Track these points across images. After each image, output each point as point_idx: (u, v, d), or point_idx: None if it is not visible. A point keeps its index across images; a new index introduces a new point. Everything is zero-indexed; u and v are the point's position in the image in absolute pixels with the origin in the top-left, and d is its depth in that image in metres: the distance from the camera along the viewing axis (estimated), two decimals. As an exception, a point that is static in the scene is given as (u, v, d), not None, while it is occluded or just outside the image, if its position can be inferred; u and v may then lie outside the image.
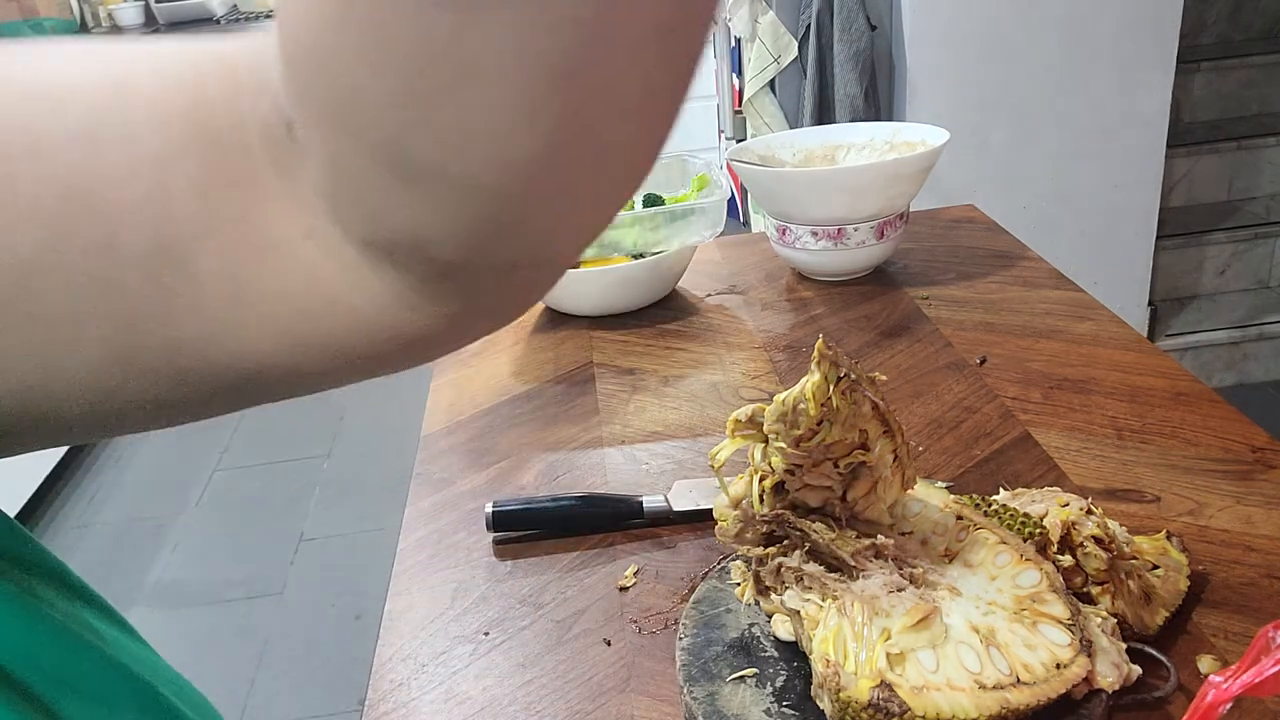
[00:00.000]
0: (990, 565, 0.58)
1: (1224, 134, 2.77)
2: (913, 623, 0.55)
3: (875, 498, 0.59)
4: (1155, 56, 2.34)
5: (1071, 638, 0.55)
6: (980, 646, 0.54)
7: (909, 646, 0.55)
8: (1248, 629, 0.65)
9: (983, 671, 0.53)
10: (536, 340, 1.17)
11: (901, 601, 0.56)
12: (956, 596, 0.57)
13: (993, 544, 0.59)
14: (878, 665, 0.54)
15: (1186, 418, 0.88)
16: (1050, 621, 0.56)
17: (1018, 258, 1.25)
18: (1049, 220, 2.44)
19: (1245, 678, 0.44)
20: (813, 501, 0.59)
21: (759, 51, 2.53)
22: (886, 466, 0.59)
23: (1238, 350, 2.72)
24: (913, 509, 0.62)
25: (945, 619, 0.56)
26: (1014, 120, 2.39)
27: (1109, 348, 1.02)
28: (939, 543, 0.60)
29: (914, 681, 0.53)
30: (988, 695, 0.52)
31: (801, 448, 0.56)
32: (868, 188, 1.15)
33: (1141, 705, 0.60)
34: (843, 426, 0.56)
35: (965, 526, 0.61)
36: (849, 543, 0.59)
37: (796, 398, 0.55)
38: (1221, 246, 2.75)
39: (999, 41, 2.32)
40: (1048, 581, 0.58)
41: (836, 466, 0.58)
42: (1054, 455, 0.85)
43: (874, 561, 0.58)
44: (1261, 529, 0.74)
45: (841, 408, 0.55)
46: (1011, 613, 0.56)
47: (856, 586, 0.58)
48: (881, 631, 0.55)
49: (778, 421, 0.56)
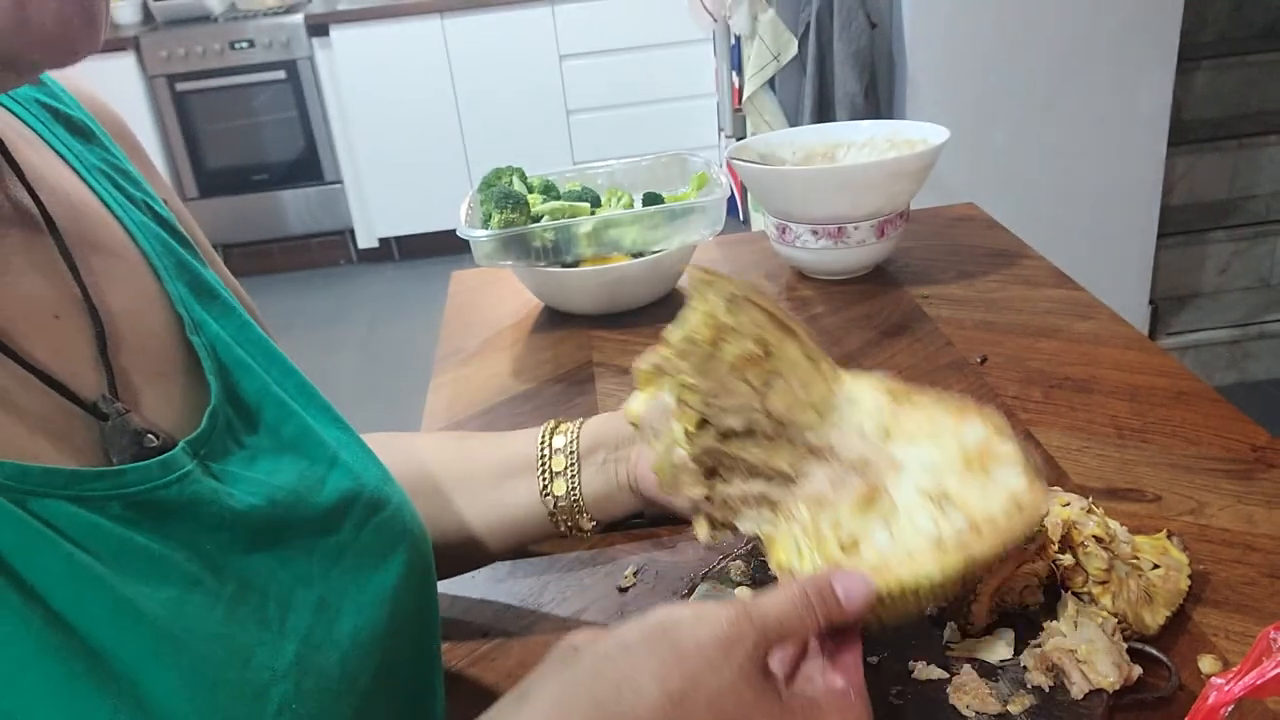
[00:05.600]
0: (932, 431, 0.57)
1: (1225, 132, 2.77)
2: (859, 504, 0.54)
3: (798, 401, 0.57)
4: (1156, 54, 2.34)
5: (1027, 475, 0.53)
6: (933, 508, 0.53)
7: (860, 530, 0.53)
8: (1249, 628, 0.65)
9: (940, 530, 0.52)
10: (536, 340, 1.17)
11: (847, 490, 0.55)
12: (902, 471, 0.56)
13: (930, 407, 0.58)
14: (833, 557, 0.53)
15: (1187, 417, 0.88)
16: (1003, 464, 0.54)
17: (1018, 256, 1.25)
18: (1049, 219, 2.43)
19: (1247, 679, 0.44)
20: (738, 425, 0.57)
21: (759, 49, 2.53)
22: (800, 367, 0.57)
23: (1239, 349, 2.71)
24: (842, 401, 0.59)
25: (894, 494, 0.54)
26: (1014, 118, 2.39)
27: (1110, 346, 1.02)
28: (875, 426, 0.58)
29: (872, 562, 0.52)
30: (949, 551, 0.51)
31: (708, 375, 0.55)
32: (868, 186, 1.15)
33: (1142, 705, 0.59)
34: (741, 342, 0.55)
35: (899, 400, 0.59)
36: (784, 452, 0.57)
37: (687, 329, 0.55)
38: (1222, 245, 2.75)
39: (999, 39, 2.31)
40: (993, 428, 0.55)
41: (749, 383, 0.56)
42: (1055, 454, 0.85)
43: (813, 463, 0.57)
44: (1262, 528, 0.73)
45: (733, 324, 0.54)
46: (963, 469, 0.54)
47: (801, 491, 0.56)
48: (831, 524, 0.54)
49: (678, 358, 0.55)
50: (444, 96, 3.91)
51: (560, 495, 0.70)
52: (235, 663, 0.44)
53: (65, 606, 0.39)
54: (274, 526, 0.50)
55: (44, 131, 0.54)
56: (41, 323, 0.46)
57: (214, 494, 0.47)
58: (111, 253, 0.52)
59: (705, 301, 0.54)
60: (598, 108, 4.00)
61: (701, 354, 0.55)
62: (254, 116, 3.98)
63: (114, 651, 0.39)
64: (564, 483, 0.70)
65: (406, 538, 0.59)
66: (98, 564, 0.41)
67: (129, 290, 0.52)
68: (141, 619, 0.41)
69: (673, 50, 3.89)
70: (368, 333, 3.70)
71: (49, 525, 0.40)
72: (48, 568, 0.39)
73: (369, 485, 0.57)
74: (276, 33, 3.84)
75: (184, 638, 0.42)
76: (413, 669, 0.58)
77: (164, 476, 0.45)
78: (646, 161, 1.30)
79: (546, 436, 0.72)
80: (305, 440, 0.55)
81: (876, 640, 0.64)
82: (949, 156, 1.20)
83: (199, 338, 0.53)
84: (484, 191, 1.18)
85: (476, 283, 1.36)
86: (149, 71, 3.84)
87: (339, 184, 4.10)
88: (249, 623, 0.46)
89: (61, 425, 0.44)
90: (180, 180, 4.05)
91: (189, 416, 0.50)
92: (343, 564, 0.53)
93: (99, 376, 0.47)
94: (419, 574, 0.59)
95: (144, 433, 0.46)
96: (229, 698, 0.43)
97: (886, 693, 0.60)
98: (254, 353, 0.56)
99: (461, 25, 3.81)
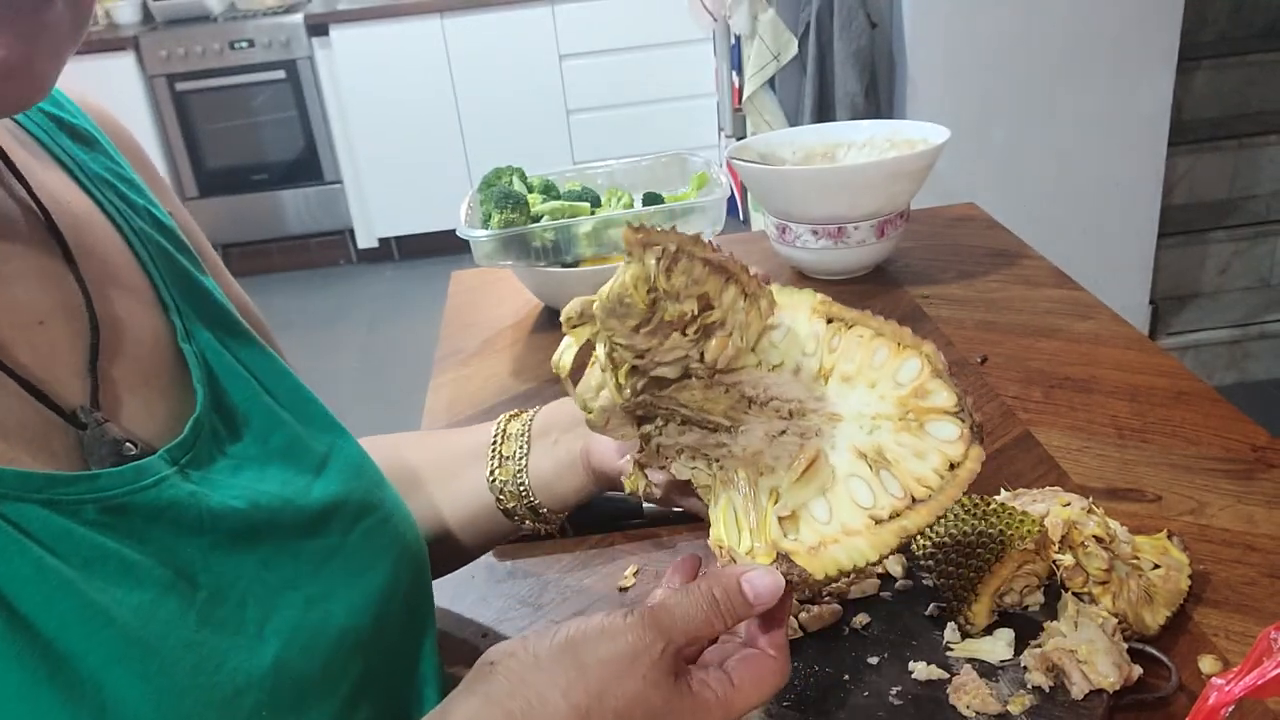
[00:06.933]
0: (869, 370, 0.54)
1: (1225, 132, 2.76)
2: (799, 474, 0.52)
3: (734, 347, 0.54)
4: (1156, 54, 2.34)
5: (960, 428, 0.51)
6: (869, 474, 0.52)
7: (799, 502, 0.52)
8: (1249, 629, 0.64)
9: (876, 503, 0.51)
10: (536, 340, 1.17)
11: (785, 449, 0.54)
12: (838, 422, 0.54)
13: (868, 340, 0.55)
14: (771, 536, 0.52)
15: (1188, 417, 0.88)
16: (937, 416, 0.52)
17: (1018, 256, 1.25)
18: (1050, 218, 2.43)
19: (1247, 680, 0.44)
20: (671, 374, 0.54)
21: (759, 49, 2.53)
22: (738, 311, 0.54)
23: (1239, 349, 2.71)
24: (778, 336, 0.56)
25: (830, 453, 0.53)
26: (1015, 118, 2.39)
27: (1110, 346, 1.02)
28: (812, 363, 0.56)
29: (809, 541, 0.51)
30: (885, 529, 0.50)
31: (641, 333, 0.52)
32: (868, 186, 1.15)
33: (1142, 705, 0.59)
34: (679, 300, 0.52)
35: (837, 330, 0.56)
36: (719, 400, 0.55)
37: (620, 290, 0.51)
38: (1223, 245, 2.75)
39: (1000, 39, 2.31)
40: (929, 367, 0.53)
41: (685, 335, 0.53)
42: (1055, 454, 0.85)
43: (748, 412, 0.55)
44: (1263, 528, 0.73)
45: (670, 288, 0.51)
46: (897, 420, 0.53)
47: (737, 445, 0.55)
48: (770, 493, 0.53)
49: (610, 317, 0.52)
50: (444, 96, 3.91)
51: (506, 480, 0.69)
52: (206, 668, 0.44)
53: (32, 611, 0.39)
54: (256, 529, 0.50)
55: (46, 139, 0.54)
56: (25, 329, 0.46)
57: (193, 497, 0.48)
58: (105, 259, 0.52)
59: (641, 264, 0.50)
60: (598, 108, 4.00)
61: (637, 315, 0.51)
62: (253, 116, 3.98)
63: (80, 657, 0.40)
64: (512, 465, 0.69)
65: (398, 542, 0.59)
66: (67, 569, 0.41)
67: (122, 297, 0.52)
68: (110, 624, 0.41)
69: (673, 50, 3.88)
70: (367, 333, 3.70)
71: (20, 529, 0.40)
72: (16, 572, 0.39)
73: (358, 490, 0.57)
74: (276, 33, 3.84)
75: (154, 643, 0.42)
76: (398, 676, 0.58)
77: (138, 481, 0.46)
78: (646, 161, 1.30)
79: (503, 424, 0.71)
80: (293, 449, 0.55)
81: (877, 641, 0.64)
82: (949, 156, 1.20)
83: (190, 346, 0.53)
84: (484, 191, 1.18)
85: (476, 283, 1.36)
86: (149, 71, 3.84)
87: (339, 184, 4.10)
88: (224, 628, 0.46)
89: (39, 431, 0.44)
90: (180, 180, 4.04)
91: (173, 425, 0.50)
92: (331, 567, 0.53)
93: (83, 383, 0.47)
94: (410, 577, 0.59)
95: (122, 441, 0.46)
96: (197, 704, 0.43)
97: (886, 693, 0.60)
98: (247, 359, 0.56)
99: (461, 25, 3.81)
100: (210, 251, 0.63)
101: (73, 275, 0.49)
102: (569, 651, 0.45)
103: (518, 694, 0.44)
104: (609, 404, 0.55)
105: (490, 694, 0.45)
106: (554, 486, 0.69)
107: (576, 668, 0.44)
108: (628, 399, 0.54)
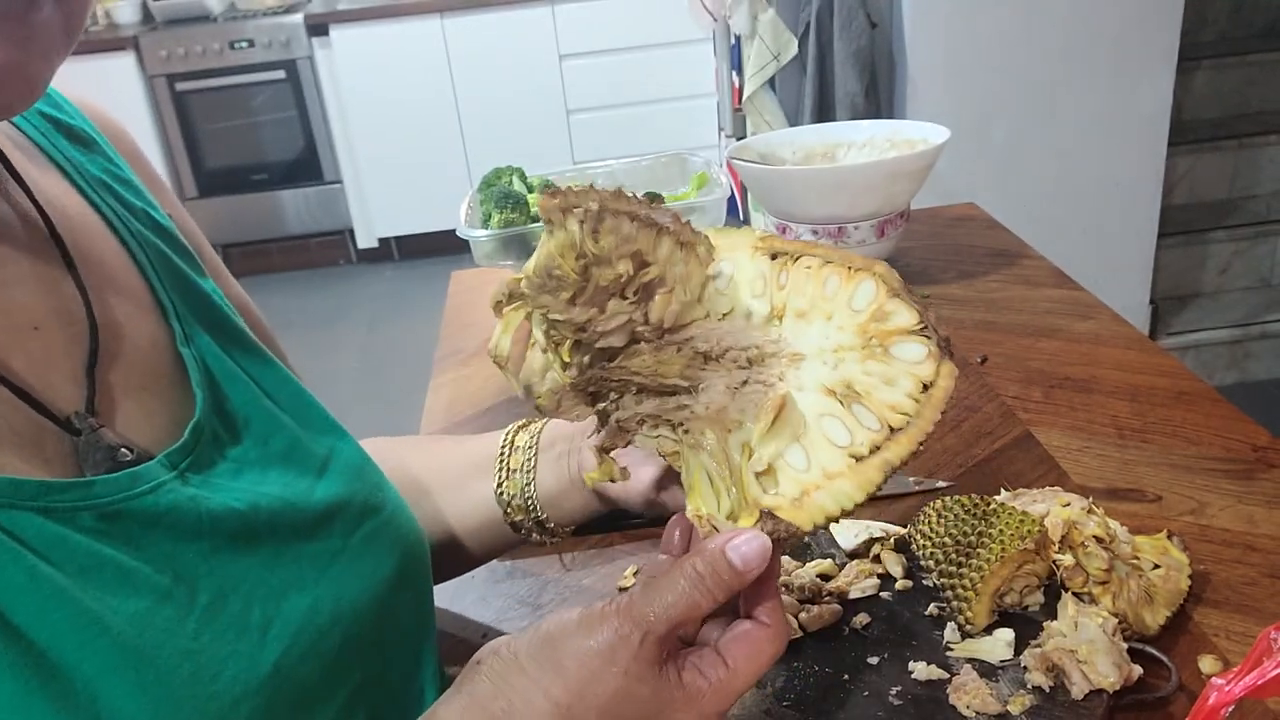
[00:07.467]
0: (822, 301, 0.52)
1: (1225, 132, 2.76)
2: (769, 424, 0.49)
3: (678, 302, 0.52)
4: (1156, 54, 2.34)
5: (927, 345, 0.49)
6: (842, 411, 0.49)
7: (774, 452, 0.49)
8: (1249, 629, 0.64)
9: (853, 440, 0.48)
10: (536, 339, 1.17)
11: (750, 400, 0.51)
12: (800, 361, 0.51)
13: (817, 270, 0.52)
14: (750, 495, 0.49)
15: (1188, 417, 0.88)
16: (901, 337, 0.49)
17: (1018, 256, 1.25)
18: (1050, 218, 2.43)
19: (1247, 680, 0.44)
20: (617, 342, 0.51)
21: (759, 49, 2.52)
22: (676, 264, 0.51)
23: (1239, 349, 2.71)
24: (722, 283, 0.53)
25: (797, 395, 0.50)
26: (1015, 118, 2.38)
27: (1110, 346, 1.02)
28: (762, 305, 0.53)
29: (791, 493, 0.48)
30: (867, 466, 0.48)
31: (578, 305, 0.49)
32: (868, 186, 1.15)
33: (1142, 705, 0.59)
34: (612, 263, 0.49)
35: (784, 265, 0.53)
36: (672, 361, 0.52)
37: (546, 262, 0.48)
38: (1223, 245, 2.75)
39: (1000, 39, 2.31)
40: (884, 287, 0.50)
41: (625, 299, 0.50)
42: (1055, 454, 0.85)
43: (705, 368, 0.52)
44: (1263, 528, 0.73)
45: (600, 250, 0.48)
46: (860, 348, 0.50)
47: (699, 405, 0.51)
48: (743, 449, 0.50)
49: (541, 293, 0.49)
50: (444, 96, 3.91)
51: (514, 494, 0.67)
52: (204, 677, 0.43)
53: (25, 620, 0.39)
54: (257, 531, 0.50)
55: (43, 142, 0.54)
56: (20, 334, 0.46)
57: (192, 501, 0.47)
58: (103, 264, 0.52)
59: (564, 230, 0.47)
60: (598, 107, 4.00)
61: (570, 286, 0.48)
62: (253, 116, 3.98)
63: (75, 667, 0.39)
64: (519, 479, 0.67)
65: (400, 543, 0.58)
66: (62, 576, 0.40)
67: (119, 302, 0.51)
68: (105, 633, 0.41)
69: (673, 50, 3.88)
70: (367, 333, 3.70)
71: (13, 537, 0.40)
72: (9, 580, 0.39)
73: (361, 492, 0.57)
74: (276, 32, 3.84)
75: (150, 652, 0.42)
76: (397, 678, 0.57)
77: (134, 488, 0.45)
78: (646, 161, 1.30)
79: (511, 434, 0.70)
80: (294, 452, 0.55)
81: (877, 641, 0.64)
82: (949, 156, 1.20)
83: (189, 350, 0.53)
84: (484, 191, 1.18)
85: (476, 283, 1.36)
86: (148, 71, 3.84)
87: (338, 184, 4.10)
88: (224, 635, 0.45)
89: (33, 437, 0.44)
90: (180, 180, 4.04)
91: (173, 429, 0.50)
92: (334, 569, 0.53)
93: (78, 389, 0.47)
94: (413, 579, 0.59)
95: (117, 447, 0.46)
96: (194, 714, 0.42)
97: (886, 693, 0.60)
98: (246, 362, 0.56)
99: (461, 25, 3.81)
100: (210, 252, 0.62)
101: (71, 280, 0.49)
102: (547, 648, 0.44)
103: (500, 694, 0.44)
104: (556, 385, 0.52)
105: (475, 695, 0.44)
106: (560, 503, 0.67)
107: (555, 665, 0.44)
108: (575, 377, 0.51)
